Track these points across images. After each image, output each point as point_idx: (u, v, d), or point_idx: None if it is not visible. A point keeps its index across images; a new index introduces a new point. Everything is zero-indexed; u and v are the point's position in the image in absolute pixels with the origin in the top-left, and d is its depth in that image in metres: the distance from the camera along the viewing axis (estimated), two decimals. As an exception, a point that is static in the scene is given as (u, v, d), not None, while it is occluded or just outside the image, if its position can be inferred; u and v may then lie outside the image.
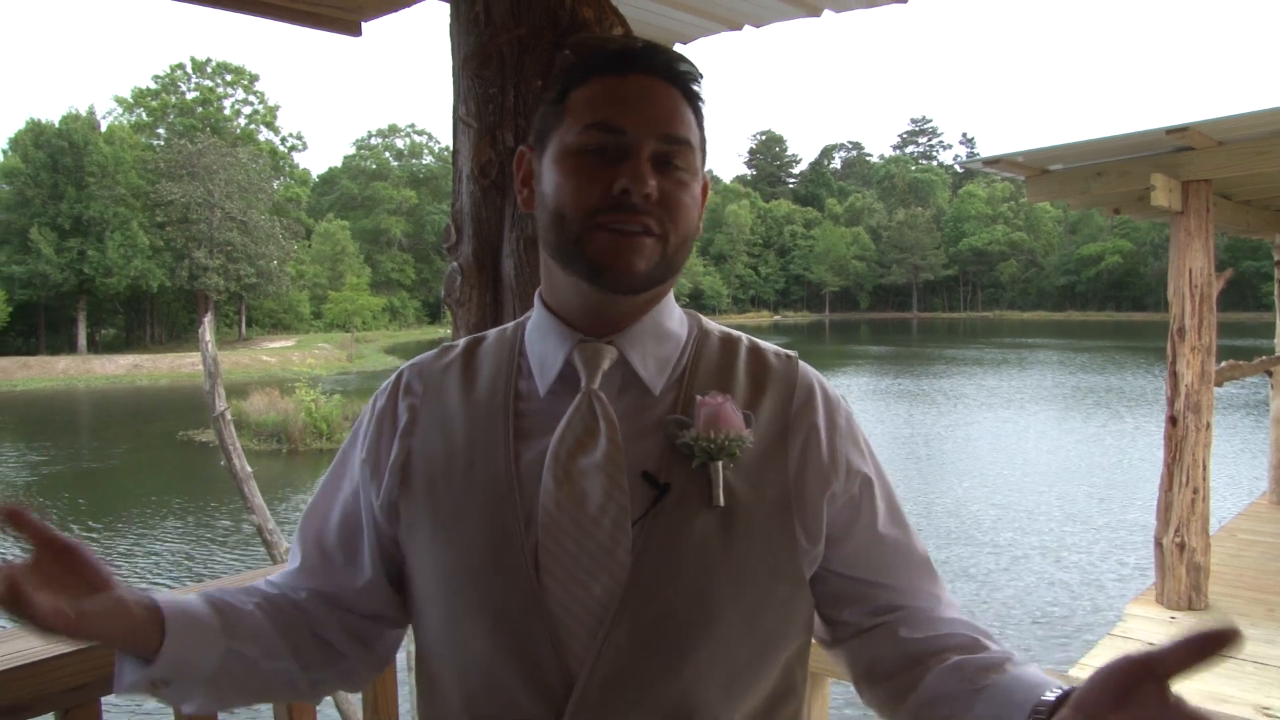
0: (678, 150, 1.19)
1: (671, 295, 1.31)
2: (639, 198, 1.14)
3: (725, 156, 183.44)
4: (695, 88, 1.24)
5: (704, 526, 1.16)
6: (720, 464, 1.17)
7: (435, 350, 1.37)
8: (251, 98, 76.98)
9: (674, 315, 1.30)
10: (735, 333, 1.36)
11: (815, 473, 1.24)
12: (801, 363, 1.33)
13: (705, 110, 1.26)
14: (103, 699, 1.71)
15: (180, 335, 67.25)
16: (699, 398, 1.20)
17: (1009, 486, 18.30)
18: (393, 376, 1.35)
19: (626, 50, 1.22)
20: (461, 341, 1.36)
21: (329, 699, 6.55)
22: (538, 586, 1.13)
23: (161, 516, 17.50)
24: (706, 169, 1.29)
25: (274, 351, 57.61)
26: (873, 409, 29.77)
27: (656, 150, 1.17)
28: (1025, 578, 12.68)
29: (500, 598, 1.15)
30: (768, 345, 1.35)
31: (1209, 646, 0.86)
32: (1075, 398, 32.87)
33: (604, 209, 1.15)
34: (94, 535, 16.04)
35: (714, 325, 1.35)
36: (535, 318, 1.31)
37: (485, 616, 1.16)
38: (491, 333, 1.37)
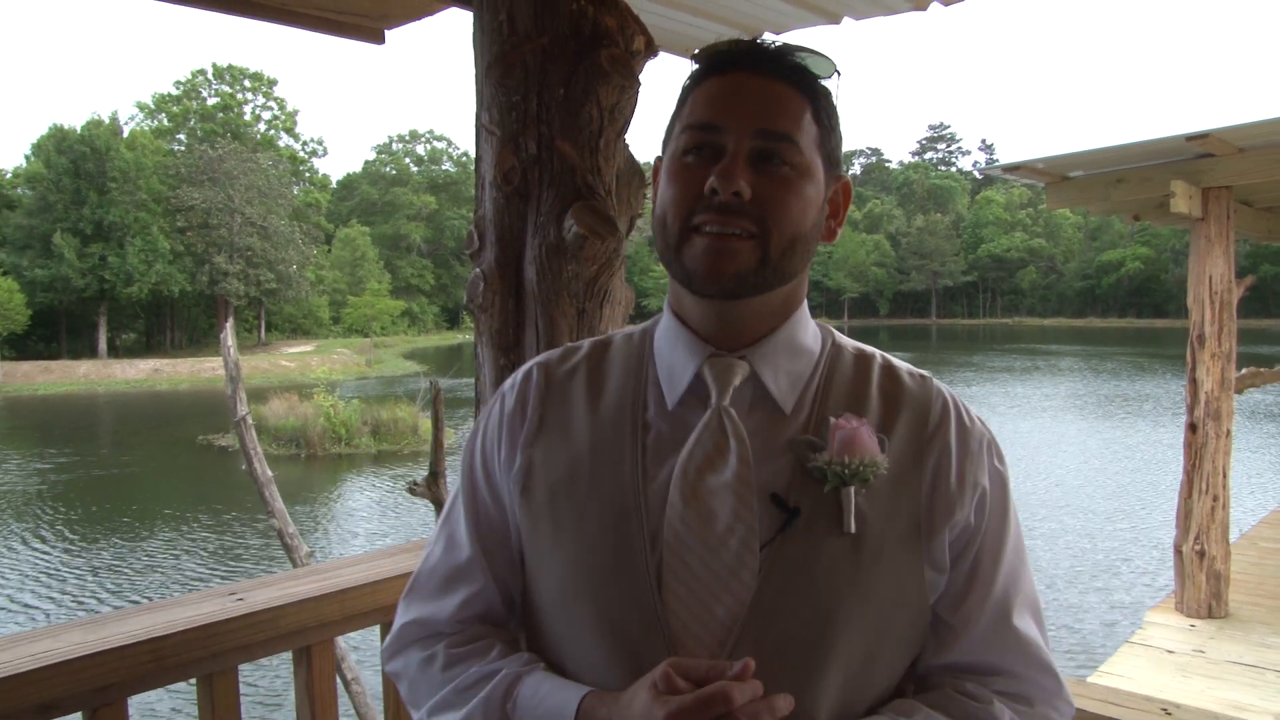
0: (780, 147, 1.14)
1: (805, 307, 1.27)
2: (726, 196, 1.11)
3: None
4: (811, 82, 1.19)
5: (833, 553, 1.12)
6: (852, 489, 1.13)
7: (559, 351, 1.34)
8: (272, 103, 77.48)
9: (808, 329, 1.27)
10: (869, 349, 1.30)
11: (944, 499, 1.19)
12: (937, 383, 1.28)
13: (831, 107, 1.21)
14: (129, 699, 1.72)
15: (200, 340, 67.61)
16: (833, 420, 1.17)
17: (1047, 494, 18.10)
18: (519, 376, 1.32)
19: (736, 46, 1.19)
20: (586, 344, 1.34)
21: (347, 701, 6.55)
22: (660, 604, 1.11)
23: (165, 527, 17.45)
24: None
25: (293, 356, 57.81)
26: None
27: (755, 147, 1.14)
28: (1050, 582, 12.64)
29: (620, 613, 1.13)
30: (902, 364, 1.30)
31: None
32: (1113, 405, 32.34)
33: (698, 210, 1.13)
34: (73, 546, 15.91)
35: (847, 340, 1.31)
36: (664, 325, 1.27)
37: (604, 632, 1.14)
38: (618, 336, 1.34)
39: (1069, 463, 21.29)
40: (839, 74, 1.20)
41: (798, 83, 1.17)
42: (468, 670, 1.21)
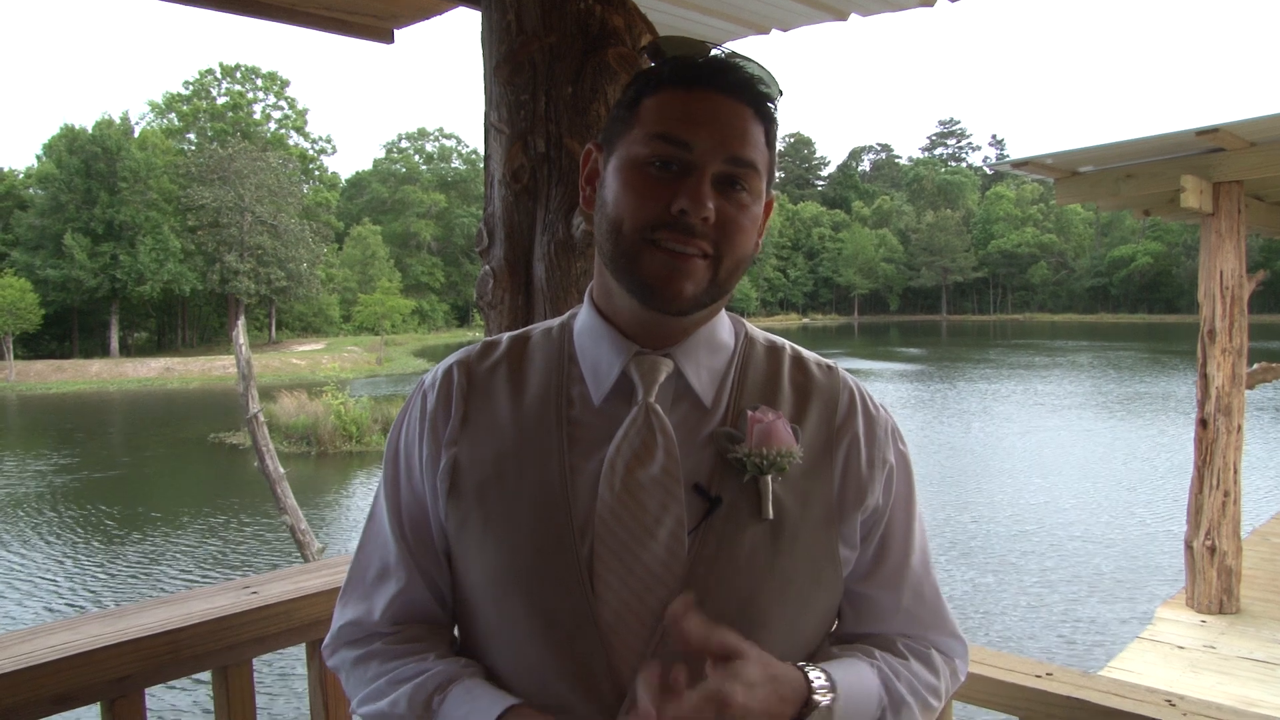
0: (743, 173, 1.18)
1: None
2: (696, 220, 1.14)
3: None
4: (769, 107, 1.22)
5: (753, 539, 1.18)
6: (770, 478, 1.18)
7: (478, 347, 1.35)
8: (281, 102, 77.51)
9: (724, 324, 1.31)
10: (778, 340, 1.36)
11: (855, 484, 1.26)
12: (843, 373, 1.34)
13: (777, 130, 1.25)
14: (145, 690, 1.74)
15: (211, 338, 67.83)
16: (750, 413, 1.21)
17: (1076, 494, 17.93)
18: (439, 374, 1.33)
19: (703, 63, 1.20)
20: (505, 339, 1.35)
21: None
22: (592, 596, 1.14)
23: (159, 527, 17.44)
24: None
25: (303, 355, 57.97)
26: (931, 423, 28.59)
27: (721, 171, 1.16)
28: (1064, 579, 12.59)
29: (552, 606, 1.16)
30: (809, 355, 1.35)
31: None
32: (1140, 402, 31.87)
33: (660, 226, 1.15)
34: (52, 548, 15.82)
35: (757, 331, 1.35)
36: (586, 320, 1.30)
37: (536, 623, 1.16)
38: (536, 331, 1.36)
39: (1098, 460, 21.17)
40: (781, 94, 1.24)
41: (760, 108, 1.21)
42: (405, 665, 1.23)
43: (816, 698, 1.11)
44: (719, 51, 1.24)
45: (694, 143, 1.15)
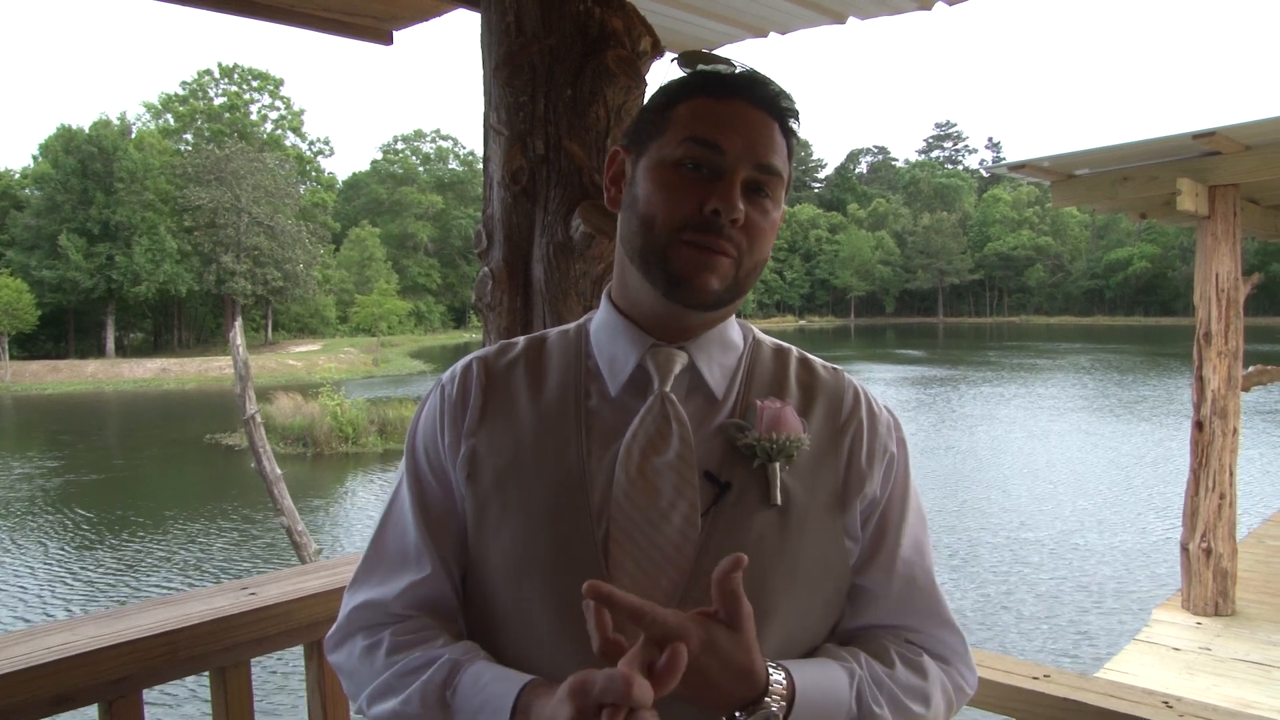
0: (769, 180, 1.24)
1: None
2: (727, 221, 1.20)
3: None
4: (793, 124, 1.29)
5: (762, 524, 1.22)
6: (778, 465, 1.22)
7: (495, 347, 1.40)
8: (278, 103, 77.45)
9: (734, 326, 1.37)
10: (785, 344, 1.41)
11: (857, 474, 1.29)
12: (847, 375, 1.39)
13: (796, 146, 1.31)
14: (143, 691, 1.74)
15: (207, 339, 67.71)
16: (759, 402, 1.26)
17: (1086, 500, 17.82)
18: (458, 369, 1.37)
19: (737, 76, 1.28)
20: (521, 340, 1.40)
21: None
22: (606, 576, 1.17)
23: (158, 529, 17.46)
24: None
25: (300, 355, 57.88)
26: (937, 427, 28.50)
27: (749, 177, 1.23)
28: (1059, 581, 12.58)
29: (568, 588, 1.17)
30: (815, 358, 1.40)
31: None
32: (1144, 405, 31.65)
33: (692, 225, 1.21)
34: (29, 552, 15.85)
35: (765, 336, 1.41)
36: (603, 318, 1.35)
37: (553, 605, 1.20)
38: (552, 332, 1.41)
39: (1104, 464, 21.09)
40: (800, 116, 1.31)
41: (784, 124, 1.28)
42: (410, 656, 1.24)
43: (766, 700, 1.11)
44: (743, 68, 1.31)
45: (726, 147, 1.21)
